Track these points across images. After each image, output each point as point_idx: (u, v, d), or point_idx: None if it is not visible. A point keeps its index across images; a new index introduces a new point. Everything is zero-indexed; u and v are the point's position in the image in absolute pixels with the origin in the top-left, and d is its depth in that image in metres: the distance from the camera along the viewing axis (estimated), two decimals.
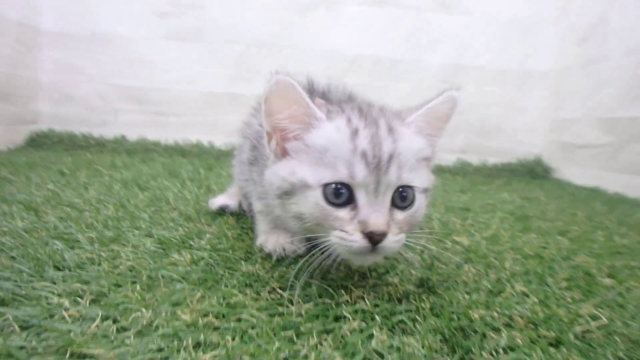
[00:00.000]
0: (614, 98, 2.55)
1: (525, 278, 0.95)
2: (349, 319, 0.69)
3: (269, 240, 1.00)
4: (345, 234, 0.72)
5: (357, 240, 0.71)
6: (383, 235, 0.70)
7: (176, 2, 3.05)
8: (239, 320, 0.67)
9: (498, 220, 1.50)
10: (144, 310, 0.66)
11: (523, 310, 0.77)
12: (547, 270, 1.01)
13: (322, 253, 0.76)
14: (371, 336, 0.64)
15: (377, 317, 0.70)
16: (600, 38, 2.72)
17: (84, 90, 3.08)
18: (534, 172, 3.07)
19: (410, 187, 0.76)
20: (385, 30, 3.09)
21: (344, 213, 0.73)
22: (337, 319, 0.70)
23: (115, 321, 0.64)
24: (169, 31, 3.06)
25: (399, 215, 0.76)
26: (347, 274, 0.88)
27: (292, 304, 0.74)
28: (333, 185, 0.72)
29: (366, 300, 0.76)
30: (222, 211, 1.32)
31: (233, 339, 0.61)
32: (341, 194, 0.73)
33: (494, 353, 0.63)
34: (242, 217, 1.30)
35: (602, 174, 2.60)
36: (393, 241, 0.72)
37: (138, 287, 0.74)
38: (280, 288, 0.79)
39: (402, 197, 0.76)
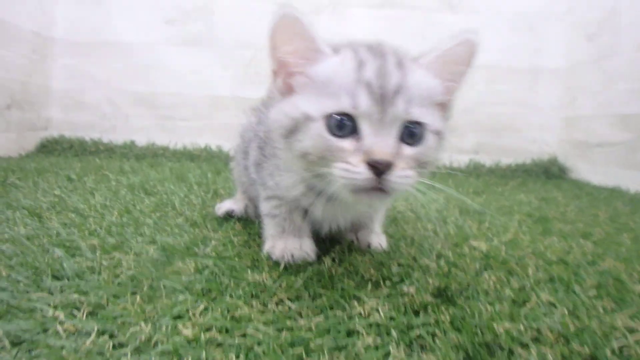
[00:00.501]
0: (627, 94, 2.47)
1: (550, 286, 0.89)
2: (362, 334, 0.64)
3: (277, 246, 0.96)
4: (348, 165, 0.69)
5: (361, 171, 0.68)
6: (388, 165, 0.68)
7: (185, 9, 3.04)
8: (244, 335, 0.62)
9: (516, 223, 1.44)
10: (143, 324, 0.62)
11: (552, 322, 0.71)
12: (573, 276, 0.95)
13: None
14: (387, 354, 0.59)
15: (393, 332, 0.65)
16: (610, 33, 2.64)
17: (95, 96, 3.09)
18: (549, 172, 2.98)
19: (419, 123, 0.73)
20: (391, 32, 3.04)
21: (347, 144, 0.71)
22: (349, 333, 0.65)
23: (112, 336, 0.59)
24: (178, 37, 3.06)
25: (407, 150, 0.73)
26: (359, 283, 0.83)
27: (301, 316, 0.69)
28: (336, 116, 0.71)
29: (381, 312, 0.71)
30: (228, 216, 1.28)
31: (237, 356, 0.56)
32: (344, 125, 0.71)
33: None
34: (249, 222, 1.25)
35: (620, 172, 2.51)
36: (401, 175, 0.70)
37: (138, 298, 0.70)
38: (288, 299, 0.74)
39: (410, 133, 0.73)
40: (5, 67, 2.55)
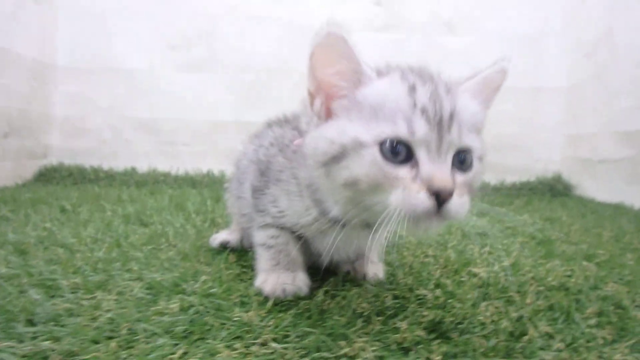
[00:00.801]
0: (628, 110, 2.46)
1: (549, 315, 0.86)
2: None
3: (269, 280, 0.92)
4: (408, 194, 0.65)
5: (423, 200, 0.65)
6: (450, 193, 0.65)
7: (187, 34, 3.07)
8: None
9: (518, 246, 1.40)
10: None
11: (549, 357, 0.67)
12: (574, 303, 0.91)
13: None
14: None
15: None
16: (608, 50, 2.64)
17: (96, 123, 3.10)
18: (554, 189, 2.95)
19: (469, 150, 0.71)
20: (392, 55, 3.03)
21: (404, 172, 0.67)
22: None
23: None
24: (180, 62, 3.08)
25: (460, 177, 0.71)
26: (350, 318, 0.80)
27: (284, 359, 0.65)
28: (390, 142, 0.67)
29: (369, 352, 0.67)
30: (223, 247, 1.25)
31: None
32: (399, 152, 0.67)
33: None
34: (243, 252, 1.22)
35: (624, 188, 2.48)
36: (459, 203, 0.67)
37: (114, 343, 0.67)
38: (273, 340, 0.71)
39: (460, 160, 0.71)
40: (4, 94, 2.55)
